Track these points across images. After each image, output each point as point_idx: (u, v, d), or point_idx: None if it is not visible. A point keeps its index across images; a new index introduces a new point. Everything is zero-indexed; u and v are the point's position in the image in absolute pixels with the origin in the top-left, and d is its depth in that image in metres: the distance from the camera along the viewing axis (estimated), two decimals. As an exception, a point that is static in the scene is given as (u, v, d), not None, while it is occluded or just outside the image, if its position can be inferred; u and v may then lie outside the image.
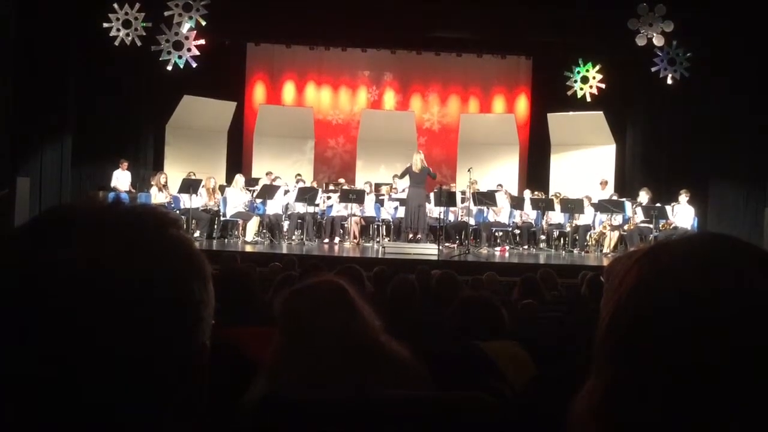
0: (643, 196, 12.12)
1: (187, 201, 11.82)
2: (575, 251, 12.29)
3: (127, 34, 12.39)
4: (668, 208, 11.81)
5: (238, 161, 15.13)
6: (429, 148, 15.96)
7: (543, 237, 13.00)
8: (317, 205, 12.57)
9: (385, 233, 12.79)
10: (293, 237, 12.29)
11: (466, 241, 12.31)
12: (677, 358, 0.65)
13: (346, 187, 13.26)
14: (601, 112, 14.21)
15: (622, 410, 0.67)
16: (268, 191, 12.17)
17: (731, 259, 0.69)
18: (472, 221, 12.68)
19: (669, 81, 12.82)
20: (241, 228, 12.30)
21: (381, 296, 4.33)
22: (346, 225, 12.57)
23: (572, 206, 12.29)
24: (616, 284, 0.72)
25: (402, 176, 12.04)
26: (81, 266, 0.64)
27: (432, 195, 12.42)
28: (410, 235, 11.81)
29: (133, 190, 12.84)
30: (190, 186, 11.76)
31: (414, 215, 11.59)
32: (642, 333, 0.67)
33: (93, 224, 0.68)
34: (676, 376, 0.65)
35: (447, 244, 12.19)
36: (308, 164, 15.14)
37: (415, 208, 11.59)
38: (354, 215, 12.45)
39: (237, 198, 12.13)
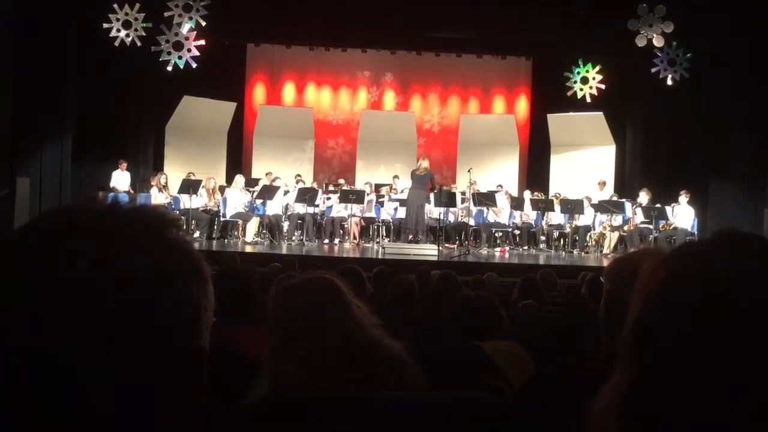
0: (643, 197, 12.12)
1: (187, 201, 11.82)
2: (575, 252, 12.28)
3: (127, 35, 12.38)
4: (668, 208, 11.82)
5: (238, 162, 15.13)
6: (429, 148, 15.96)
7: (543, 238, 12.99)
8: (317, 205, 12.57)
9: (384, 234, 12.79)
10: (293, 237, 12.29)
11: (466, 242, 12.32)
12: (704, 355, 0.65)
13: (345, 187, 13.26)
14: (601, 113, 14.21)
15: (647, 406, 0.67)
16: (268, 192, 12.17)
17: (758, 256, 0.69)
18: (472, 222, 12.69)
19: (669, 82, 12.82)
20: (240, 228, 12.29)
21: (381, 297, 4.34)
22: (345, 225, 12.57)
23: (572, 207, 12.29)
24: (644, 282, 0.73)
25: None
26: (80, 267, 0.65)
27: (432, 195, 12.43)
28: (410, 236, 11.84)
29: (132, 191, 12.83)
30: (190, 186, 11.77)
31: (414, 216, 11.62)
32: (669, 330, 0.67)
33: (92, 225, 0.68)
34: (703, 372, 0.65)
35: (447, 245, 12.19)
36: (308, 165, 15.14)
37: (416, 209, 11.62)
38: (354, 216, 12.45)
39: (237, 198, 12.13)
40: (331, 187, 13.75)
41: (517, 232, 12.99)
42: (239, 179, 12.44)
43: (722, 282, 0.67)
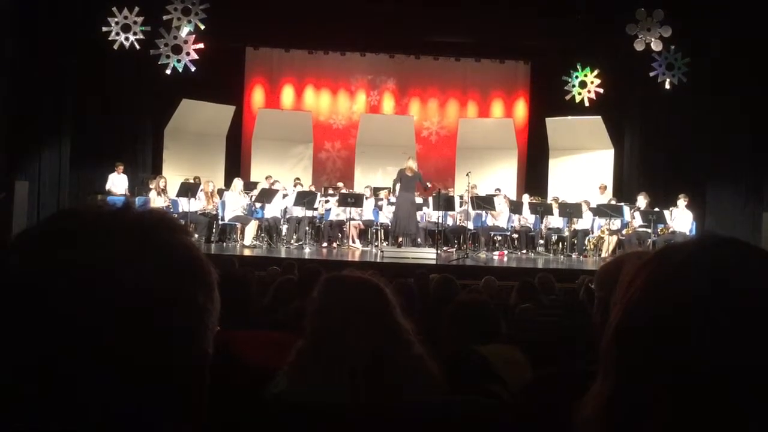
0: (642, 201, 12.12)
1: (186, 205, 11.82)
2: (573, 256, 12.28)
3: (127, 38, 12.39)
4: (666, 212, 11.83)
5: (236, 165, 15.12)
6: (428, 152, 15.97)
7: (541, 241, 12.99)
8: (316, 209, 12.56)
9: (383, 237, 12.79)
10: (292, 241, 12.28)
11: (465, 246, 12.31)
12: (685, 359, 0.65)
13: (344, 191, 13.25)
14: (600, 117, 14.22)
15: (629, 412, 0.67)
16: (267, 195, 12.17)
17: (738, 262, 0.69)
18: (470, 225, 12.68)
19: (667, 86, 12.83)
20: (239, 232, 12.29)
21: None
22: (344, 229, 12.56)
23: (570, 211, 12.30)
24: (625, 288, 0.73)
25: (395, 183, 11.78)
26: (85, 270, 0.65)
27: (431, 199, 12.41)
28: (400, 239, 11.73)
29: (129, 194, 12.81)
30: (188, 190, 11.76)
31: (404, 220, 11.43)
32: (650, 335, 0.68)
33: (101, 229, 0.69)
34: (684, 376, 0.65)
35: (445, 249, 12.20)
36: (307, 168, 15.14)
37: (405, 213, 11.43)
38: (352, 219, 12.45)
39: (235, 202, 12.13)
40: (329, 191, 13.75)
41: (515, 235, 13.00)
42: (238, 182, 12.43)
43: (701, 290, 0.67)
